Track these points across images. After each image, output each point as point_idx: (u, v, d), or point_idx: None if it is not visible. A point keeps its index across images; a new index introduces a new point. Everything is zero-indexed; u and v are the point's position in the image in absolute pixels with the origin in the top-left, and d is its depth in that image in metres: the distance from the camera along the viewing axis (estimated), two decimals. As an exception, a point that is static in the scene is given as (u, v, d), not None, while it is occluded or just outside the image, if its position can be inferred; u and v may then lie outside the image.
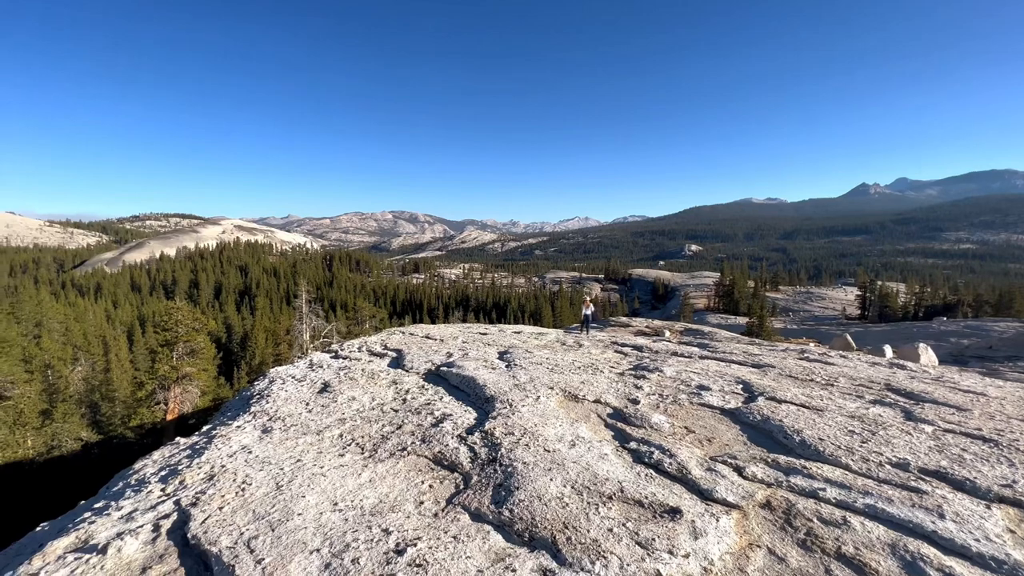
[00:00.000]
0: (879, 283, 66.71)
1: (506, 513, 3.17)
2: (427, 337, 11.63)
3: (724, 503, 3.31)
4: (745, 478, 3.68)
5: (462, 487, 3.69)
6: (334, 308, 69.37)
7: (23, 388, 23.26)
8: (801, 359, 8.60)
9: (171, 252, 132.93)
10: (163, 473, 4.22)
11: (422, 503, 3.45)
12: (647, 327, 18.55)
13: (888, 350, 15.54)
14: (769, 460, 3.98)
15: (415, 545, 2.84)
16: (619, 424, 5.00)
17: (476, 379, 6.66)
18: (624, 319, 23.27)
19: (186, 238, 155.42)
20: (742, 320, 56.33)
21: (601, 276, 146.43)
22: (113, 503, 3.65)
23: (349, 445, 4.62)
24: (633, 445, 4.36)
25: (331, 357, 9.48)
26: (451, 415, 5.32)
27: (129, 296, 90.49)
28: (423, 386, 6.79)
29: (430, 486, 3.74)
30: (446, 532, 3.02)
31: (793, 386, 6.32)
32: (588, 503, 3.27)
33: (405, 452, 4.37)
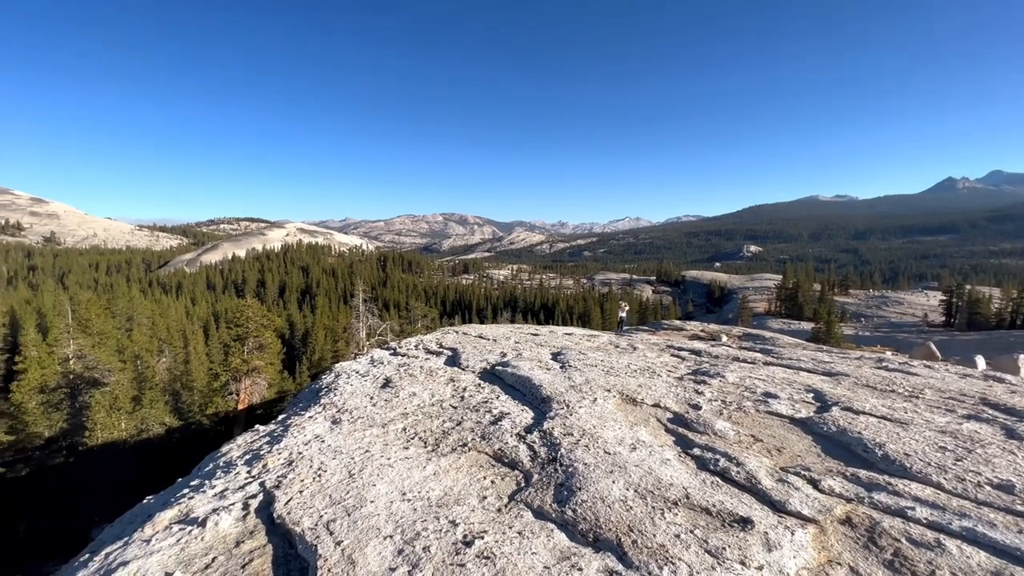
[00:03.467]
0: (968, 287, 60.42)
1: (569, 513, 3.19)
2: (480, 337, 11.83)
3: (799, 516, 3.15)
4: (821, 491, 3.49)
5: (523, 485, 3.74)
6: (387, 307, 71.99)
7: (118, 376, 25.91)
8: (879, 368, 7.98)
9: (241, 253, 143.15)
10: (247, 457, 4.59)
11: (485, 498, 3.54)
12: (702, 331, 17.87)
13: (980, 361, 14.08)
14: (848, 474, 3.74)
15: (482, 538, 2.93)
16: (680, 429, 4.87)
17: (532, 379, 6.72)
18: (677, 322, 22.55)
19: (255, 240, 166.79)
20: (807, 326, 52.98)
21: (653, 278, 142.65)
22: (207, 482, 4.02)
23: (412, 439, 4.80)
24: (696, 451, 4.24)
25: (390, 354, 9.87)
26: (509, 414, 5.40)
27: (205, 294, 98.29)
28: (479, 384, 6.92)
29: (492, 482, 3.83)
30: (511, 527, 3.08)
31: (871, 396, 5.90)
32: (653, 507, 3.23)
33: (466, 448, 4.49)
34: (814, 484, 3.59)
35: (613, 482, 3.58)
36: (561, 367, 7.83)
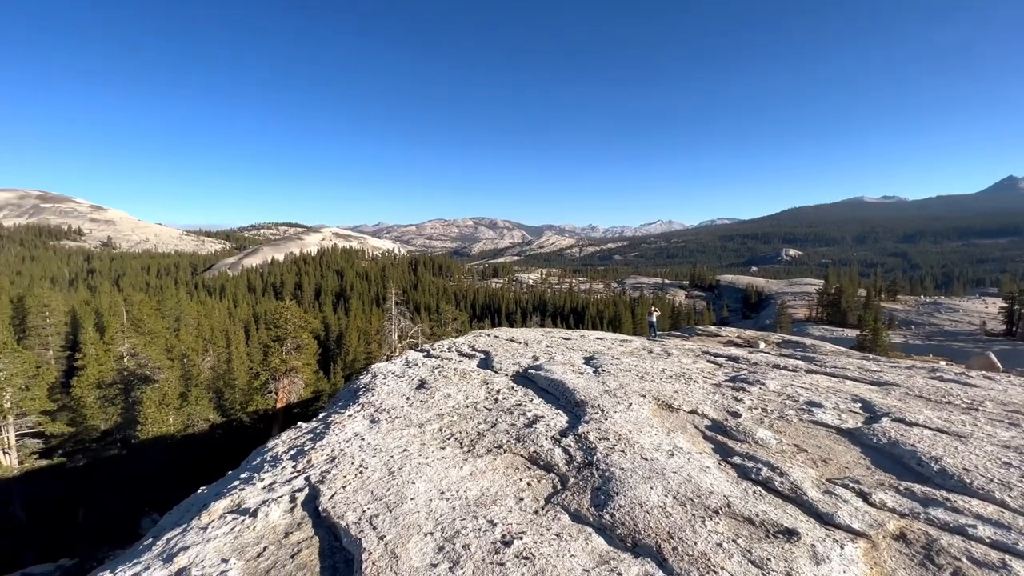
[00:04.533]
0: (1032, 293, 56.26)
1: (607, 517, 3.18)
2: (512, 340, 11.88)
3: (848, 530, 3.04)
4: (872, 505, 3.35)
5: (559, 488, 3.75)
6: (418, 310, 73.11)
7: (167, 373, 27.33)
8: (932, 378, 7.57)
9: (280, 257, 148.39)
10: (292, 452, 4.78)
11: (522, 499, 3.57)
12: (738, 337, 17.33)
13: (1047, 373, 13.10)
14: (901, 488, 3.58)
15: (520, 538, 2.95)
16: (719, 437, 4.77)
17: (565, 383, 6.71)
18: (712, 328, 21.95)
19: (292, 245, 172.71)
20: (850, 333, 50.61)
21: (685, 282, 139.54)
22: (256, 475, 4.21)
23: (448, 439, 4.89)
24: (737, 460, 4.14)
25: (424, 356, 10.05)
26: (543, 417, 5.42)
27: (246, 296, 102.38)
28: (512, 387, 6.97)
29: (528, 484, 3.85)
30: (548, 529, 3.10)
31: (925, 408, 5.60)
32: (693, 515, 3.18)
33: (501, 449, 4.53)
34: (864, 497, 3.45)
35: (651, 488, 3.54)
36: (594, 371, 7.79)
